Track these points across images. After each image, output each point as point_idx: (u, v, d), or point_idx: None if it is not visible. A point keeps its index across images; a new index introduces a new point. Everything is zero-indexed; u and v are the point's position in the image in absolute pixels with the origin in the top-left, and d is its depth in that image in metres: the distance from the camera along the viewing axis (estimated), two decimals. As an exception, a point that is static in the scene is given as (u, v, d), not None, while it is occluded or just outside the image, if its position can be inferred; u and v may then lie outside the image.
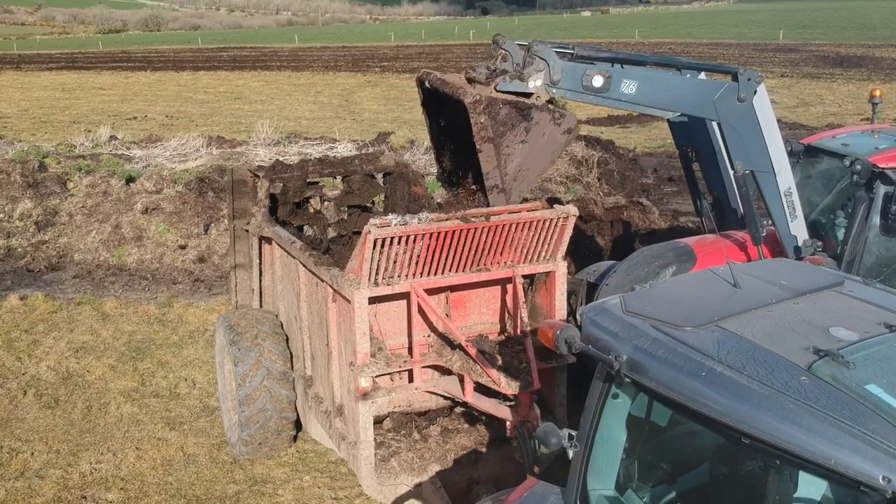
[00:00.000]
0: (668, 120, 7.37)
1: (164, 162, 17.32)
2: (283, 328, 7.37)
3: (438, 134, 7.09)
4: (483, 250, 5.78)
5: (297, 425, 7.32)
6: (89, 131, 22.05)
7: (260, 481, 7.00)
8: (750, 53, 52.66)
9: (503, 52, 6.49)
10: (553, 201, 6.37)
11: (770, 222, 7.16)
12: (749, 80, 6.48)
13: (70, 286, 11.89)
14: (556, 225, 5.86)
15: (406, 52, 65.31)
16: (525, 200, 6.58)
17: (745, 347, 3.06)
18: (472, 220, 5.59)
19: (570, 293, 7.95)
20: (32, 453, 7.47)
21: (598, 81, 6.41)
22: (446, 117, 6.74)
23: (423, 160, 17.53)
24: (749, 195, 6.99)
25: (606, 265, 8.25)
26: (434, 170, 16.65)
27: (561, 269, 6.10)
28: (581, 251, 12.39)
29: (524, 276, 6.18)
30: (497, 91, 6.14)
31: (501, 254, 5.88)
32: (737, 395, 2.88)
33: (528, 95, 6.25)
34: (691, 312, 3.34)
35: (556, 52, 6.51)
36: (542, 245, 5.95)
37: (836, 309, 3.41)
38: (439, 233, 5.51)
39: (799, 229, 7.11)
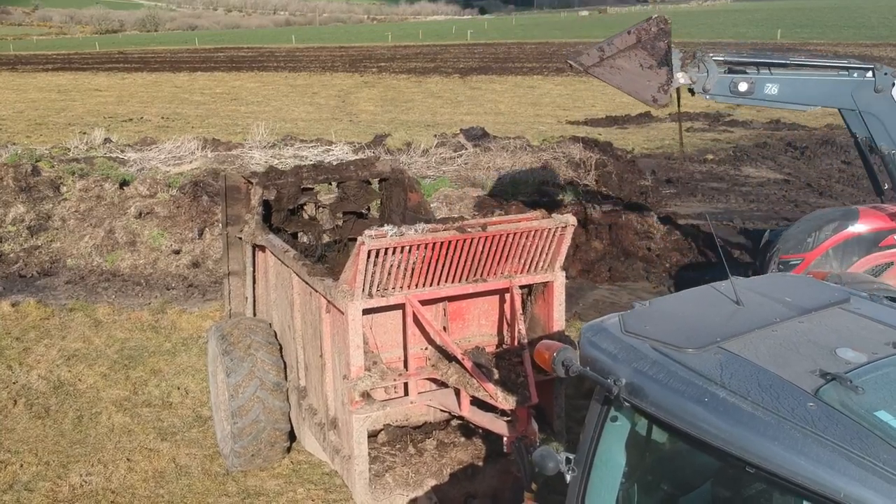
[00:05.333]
0: (839, 109, 8.44)
1: (158, 165, 17.20)
2: (276, 338, 7.24)
3: None
4: (480, 261, 5.67)
5: (291, 436, 7.20)
6: (84, 133, 21.92)
7: (253, 493, 6.88)
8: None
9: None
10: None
11: None
12: (886, 74, 7.76)
13: (62, 292, 11.77)
14: (554, 235, 5.75)
15: (403, 52, 65.22)
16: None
17: (749, 371, 2.94)
18: (469, 230, 5.47)
19: (768, 242, 9.26)
20: (22, 465, 7.34)
21: (743, 87, 7.75)
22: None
23: (419, 163, 17.43)
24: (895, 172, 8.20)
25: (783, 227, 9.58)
26: (430, 172, 16.56)
27: (559, 279, 5.98)
28: (577, 255, 12.28)
29: (522, 287, 6.06)
30: None
31: (499, 264, 5.77)
32: (741, 423, 2.76)
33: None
34: (693, 333, 3.22)
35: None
36: (540, 255, 5.83)
37: (842, 328, 3.29)
38: (435, 243, 5.40)
39: None
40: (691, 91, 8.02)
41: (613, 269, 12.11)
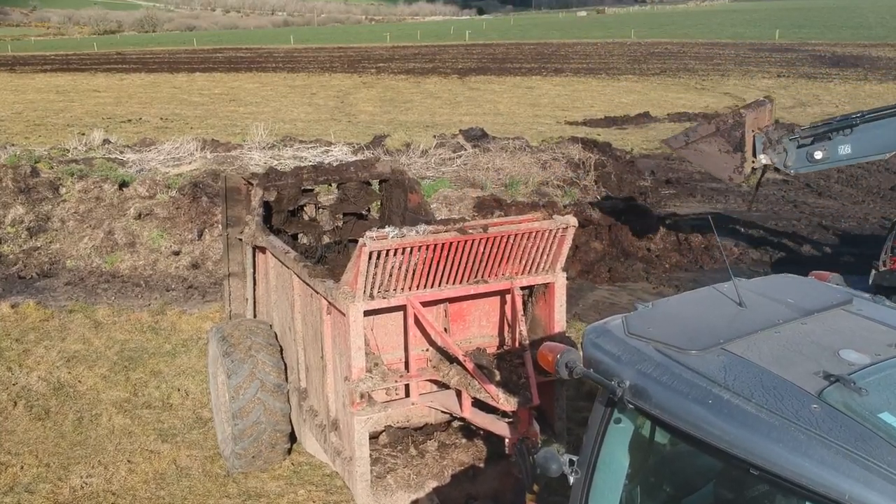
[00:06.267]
0: None
1: (157, 166, 17.19)
2: (277, 339, 7.24)
3: None
4: (481, 262, 5.67)
5: (292, 438, 7.19)
6: (83, 134, 21.89)
7: (254, 495, 6.88)
8: (746, 53, 52.65)
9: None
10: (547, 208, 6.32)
11: None
12: None
13: (62, 293, 11.75)
14: (555, 236, 5.74)
15: (402, 52, 65.25)
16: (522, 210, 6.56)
17: (752, 372, 2.94)
18: (470, 231, 5.47)
19: (891, 229, 9.73)
20: (22, 467, 7.33)
21: (819, 155, 8.79)
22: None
23: (419, 164, 17.42)
24: None
25: None
26: (430, 173, 16.57)
27: (560, 280, 5.98)
28: (577, 255, 12.28)
29: (523, 288, 6.06)
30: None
31: (500, 265, 5.76)
32: (744, 424, 2.76)
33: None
34: (696, 334, 3.22)
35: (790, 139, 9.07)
36: (541, 256, 5.83)
37: (845, 329, 3.30)
38: (436, 244, 5.39)
39: None
40: (776, 169, 9.13)
41: (613, 270, 12.11)
